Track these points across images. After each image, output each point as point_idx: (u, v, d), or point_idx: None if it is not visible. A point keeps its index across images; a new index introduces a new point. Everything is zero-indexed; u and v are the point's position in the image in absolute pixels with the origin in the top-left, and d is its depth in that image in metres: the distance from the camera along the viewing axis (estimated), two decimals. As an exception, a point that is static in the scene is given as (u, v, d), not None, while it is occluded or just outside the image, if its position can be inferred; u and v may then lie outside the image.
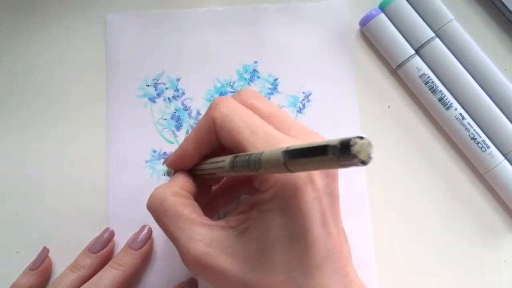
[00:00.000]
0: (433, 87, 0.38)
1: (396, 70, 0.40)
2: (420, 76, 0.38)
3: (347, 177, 0.39)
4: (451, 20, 0.39)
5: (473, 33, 0.39)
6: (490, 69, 0.38)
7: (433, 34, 0.39)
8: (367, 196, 0.38)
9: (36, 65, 0.40)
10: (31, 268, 0.36)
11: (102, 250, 0.36)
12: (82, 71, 0.40)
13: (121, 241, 0.37)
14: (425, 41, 0.39)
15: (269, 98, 0.40)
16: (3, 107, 0.40)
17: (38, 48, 0.40)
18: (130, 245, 0.36)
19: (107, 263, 0.35)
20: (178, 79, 0.40)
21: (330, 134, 0.39)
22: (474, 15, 0.41)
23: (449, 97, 0.38)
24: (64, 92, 0.40)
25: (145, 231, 0.37)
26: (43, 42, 0.40)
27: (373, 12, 0.39)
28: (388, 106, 0.40)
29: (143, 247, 0.36)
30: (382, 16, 0.39)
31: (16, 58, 0.40)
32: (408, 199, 0.39)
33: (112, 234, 0.37)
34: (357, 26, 0.41)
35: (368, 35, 0.40)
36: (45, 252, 0.37)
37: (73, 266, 0.35)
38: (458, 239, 0.38)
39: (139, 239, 0.36)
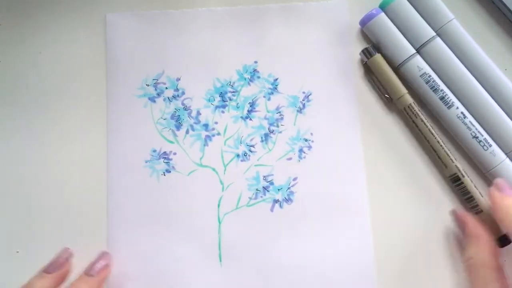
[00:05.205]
0: (434, 86, 0.38)
1: (397, 69, 0.39)
2: (421, 75, 0.38)
3: (347, 177, 0.39)
4: (452, 19, 0.39)
5: (473, 33, 0.39)
6: (490, 68, 0.38)
7: (434, 34, 0.39)
8: (367, 196, 0.38)
9: (36, 65, 0.40)
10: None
11: (58, 271, 0.34)
12: (82, 71, 0.40)
13: (120, 239, 0.37)
14: (426, 40, 0.39)
15: (269, 98, 0.40)
16: (3, 107, 0.40)
17: (38, 48, 0.40)
18: (87, 272, 0.35)
19: (61, 283, 0.34)
20: (178, 79, 0.40)
21: (329, 134, 0.39)
22: (474, 15, 0.41)
23: (451, 96, 0.38)
24: (64, 92, 0.40)
25: (103, 258, 0.36)
26: (43, 42, 0.41)
27: (374, 11, 0.39)
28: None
29: (100, 274, 0.35)
30: (383, 15, 0.39)
31: (16, 58, 0.40)
32: (408, 199, 0.39)
33: (69, 254, 0.35)
34: (357, 26, 0.41)
35: (368, 34, 0.40)
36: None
37: (26, 287, 0.33)
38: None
39: (96, 266, 0.35)
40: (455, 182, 0.38)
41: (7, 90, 0.40)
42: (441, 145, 0.38)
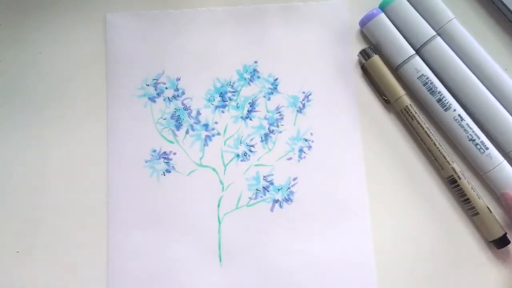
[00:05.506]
0: (431, 88, 0.38)
1: (395, 70, 0.39)
2: (419, 77, 0.38)
3: (347, 177, 0.39)
4: (452, 19, 0.39)
5: (473, 33, 0.39)
6: (491, 67, 0.38)
7: (434, 33, 0.39)
8: (367, 196, 0.38)
9: (36, 65, 0.40)
10: None
11: None
12: (82, 71, 0.40)
13: (120, 239, 0.37)
14: (427, 40, 0.39)
15: (269, 98, 0.40)
16: (3, 107, 0.40)
17: (38, 48, 0.40)
18: None
19: None
20: (178, 79, 0.40)
21: (329, 134, 0.39)
22: (474, 15, 0.41)
23: (448, 98, 0.38)
24: (64, 92, 0.40)
25: None
26: (43, 42, 0.40)
27: (373, 11, 0.39)
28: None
29: None
30: (382, 16, 0.39)
31: (16, 58, 0.40)
32: (408, 199, 0.39)
33: None
34: (357, 26, 0.41)
35: (368, 35, 0.40)
36: None
37: None
38: (457, 239, 0.38)
39: None
40: (452, 184, 0.38)
41: (7, 90, 0.40)
42: (437, 147, 0.38)
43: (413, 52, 0.39)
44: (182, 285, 0.37)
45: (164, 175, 0.39)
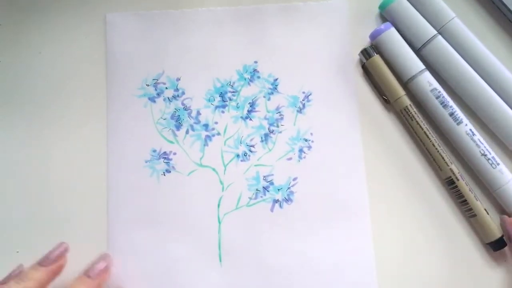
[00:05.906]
0: (444, 102, 0.38)
1: (406, 83, 0.39)
2: (431, 91, 0.38)
3: (347, 177, 0.39)
4: (453, 18, 0.39)
5: (473, 33, 0.39)
6: (493, 64, 0.38)
7: (435, 32, 0.38)
8: (367, 196, 0.38)
9: (36, 65, 0.40)
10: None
11: (53, 265, 0.34)
12: (82, 71, 0.40)
13: (120, 239, 0.37)
14: (428, 39, 0.38)
15: (269, 98, 0.40)
16: (3, 106, 0.40)
17: (38, 48, 0.40)
18: (87, 273, 0.35)
19: (55, 277, 0.34)
20: (178, 79, 0.40)
21: (329, 134, 0.39)
22: (474, 15, 0.41)
23: (459, 113, 0.38)
24: (64, 92, 0.40)
25: (103, 260, 0.36)
26: (43, 42, 0.40)
27: (382, 27, 0.39)
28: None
29: (100, 276, 0.35)
30: (392, 30, 0.39)
31: (16, 58, 0.40)
32: (408, 199, 0.39)
33: (64, 249, 0.36)
34: (357, 26, 0.40)
35: (378, 48, 0.39)
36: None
37: (20, 278, 0.33)
38: (455, 240, 0.38)
39: (96, 268, 0.35)
40: (450, 185, 0.38)
41: (7, 90, 0.40)
42: (436, 148, 0.38)
43: (424, 66, 0.38)
44: (182, 285, 0.37)
45: (164, 175, 0.39)
